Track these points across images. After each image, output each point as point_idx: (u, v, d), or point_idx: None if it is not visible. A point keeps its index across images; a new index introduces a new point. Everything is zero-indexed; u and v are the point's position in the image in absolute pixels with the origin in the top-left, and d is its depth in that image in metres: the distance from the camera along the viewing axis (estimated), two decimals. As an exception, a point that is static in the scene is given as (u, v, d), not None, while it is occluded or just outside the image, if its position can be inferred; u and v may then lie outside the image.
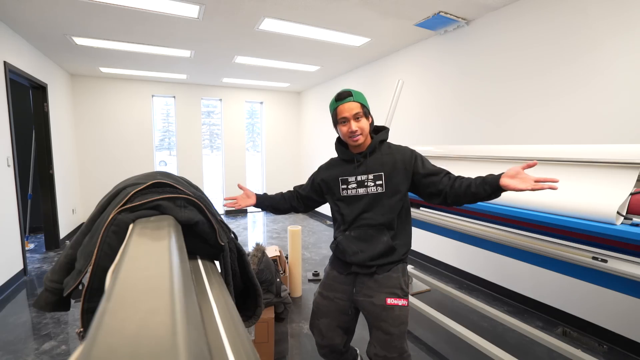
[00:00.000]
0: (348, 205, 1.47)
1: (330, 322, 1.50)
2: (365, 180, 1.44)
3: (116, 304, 0.36)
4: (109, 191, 0.85)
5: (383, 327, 1.37)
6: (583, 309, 2.36)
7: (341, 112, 1.41)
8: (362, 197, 1.44)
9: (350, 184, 1.47)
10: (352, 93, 1.42)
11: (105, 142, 5.64)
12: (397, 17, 3.04)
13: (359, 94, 1.44)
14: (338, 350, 1.55)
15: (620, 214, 1.22)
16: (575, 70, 2.31)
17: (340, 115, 1.41)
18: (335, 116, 1.45)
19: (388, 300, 1.38)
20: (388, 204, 1.41)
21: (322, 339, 1.52)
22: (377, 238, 1.41)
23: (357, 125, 1.40)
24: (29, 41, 3.67)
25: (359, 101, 1.41)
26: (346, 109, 1.40)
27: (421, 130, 3.75)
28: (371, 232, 1.42)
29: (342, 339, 1.53)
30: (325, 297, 1.52)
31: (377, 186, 1.43)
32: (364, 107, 1.42)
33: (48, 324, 2.48)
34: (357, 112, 1.40)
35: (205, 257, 0.88)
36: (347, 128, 1.41)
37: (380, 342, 1.38)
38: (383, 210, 1.41)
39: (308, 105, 6.72)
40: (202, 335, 0.35)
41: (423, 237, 3.63)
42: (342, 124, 1.43)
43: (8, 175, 3.21)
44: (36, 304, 0.80)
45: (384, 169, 1.43)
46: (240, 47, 3.92)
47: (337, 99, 1.43)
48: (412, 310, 2.63)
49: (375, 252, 1.40)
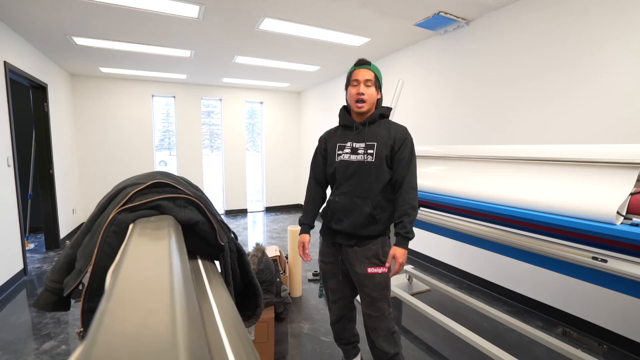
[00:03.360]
0: (340, 169, 1.58)
1: (336, 280, 1.69)
2: (359, 148, 1.54)
3: (116, 304, 0.36)
4: (109, 191, 0.85)
5: (366, 292, 1.57)
6: (583, 309, 2.36)
7: (355, 75, 1.55)
8: (352, 163, 1.55)
9: (345, 149, 1.58)
10: (370, 63, 1.56)
11: (106, 142, 5.64)
12: (397, 17, 3.04)
13: (376, 67, 1.58)
14: (350, 307, 1.75)
15: (620, 214, 1.22)
16: (576, 70, 2.31)
17: (354, 77, 1.55)
18: (349, 78, 1.58)
19: (369, 269, 1.54)
20: (375, 174, 1.51)
21: (334, 293, 1.72)
22: (361, 208, 1.52)
23: (365, 90, 1.52)
24: (29, 41, 3.67)
25: (374, 71, 1.56)
26: (360, 73, 1.54)
27: (421, 130, 3.75)
28: (355, 200, 1.54)
29: (352, 292, 1.72)
30: (326, 262, 1.71)
31: (368, 155, 1.52)
32: (377, 79, 1.55)
33: (48, 324, 2.48)
34: (368, 79, 1.53)
35: (205, 257, 0.88)
36: (356, 90, 1.53)
37: (365, 304, 1.59)
38: (369, 179, 1.52)
39: (308, 105, 6.72)
40: (202, 335, 0.35)
41: (423, 237, 3.63)
42: (353, 86, 1.55)
43: (8, 175, 3.21)
44: (36, 303, 0.79)
45: (377, 140, 1.52)
46: (240, 47, 3.92)
47: (356, 64, 1.57)
48: (412, 310, 2.63)
49: (357, 222, 1.53)
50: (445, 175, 2.08)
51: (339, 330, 1.79)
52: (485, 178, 1.79)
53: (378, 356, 1.61)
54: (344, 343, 1.82)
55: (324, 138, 1.71)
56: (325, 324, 2.48)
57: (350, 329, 1.80)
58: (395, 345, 1.59)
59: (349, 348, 1.83)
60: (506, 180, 1.68)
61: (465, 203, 1.78)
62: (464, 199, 1.81)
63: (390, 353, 1.57)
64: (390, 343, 1.57)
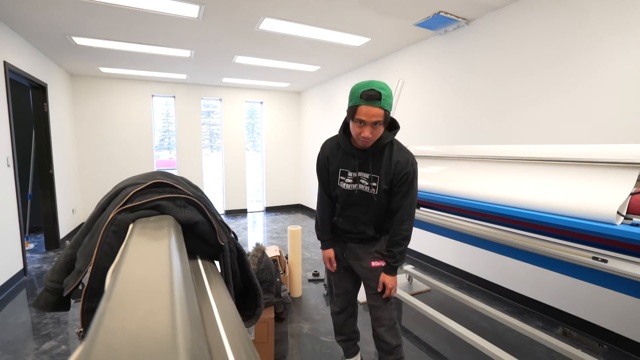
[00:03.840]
0: (342, 196, 1.57)
1: (340, 274, 1.74)
2: (361, 178, 1.50)
3: (116, 304, 0.36)
4: (109, 191, 0.85)
5: (371, 285, 1.61)
6: (583, 309, 2.36)
7: (361, 113, 1.30)
8: (354, 193, 1.53)
9: (348, 178, 1.53)
10: (382, 95, 1.27)
11: (105, 142, 5.64)
12: (397, 17, 3.04)
13: (387, 99, 1.29)
14: (352, 302, 1.79)
15: (620, 214, 1.22)
16: (575, 69, 2.31)
17: (359, 116, 1.30)
18: (353, 112, 1.32)
19: (372, 263, 1.59)
20: (378, 205, 1.51)
21: (338, 287, 1.77)
22: (364, 231, 1.58)
23: (372, 132, 1.33)
24: (29, 41, 3.67)
25: (385, 108, 1.29)
26: (369, 113, 1.29)
27: (421, 130, 3.75)
28: (358, 225, 1.58)
29: (354, 287, 1.77)
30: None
31: (372, 187, 1.48)
32: (387, 112, 1.31)
33: (48, 324, 2.48)
34: (377, 121, 1.30)
35: (205, 257, 0.88)
36: (361, 131, 1.33)
37: (370, 296, 1.64)
38: (372, 209, 1.53)
39: (308, 105, 6.71)
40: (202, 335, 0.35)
41: (423, 237, 3.63)
42: (357, 125, 1.34)
43: (8, 175, 3.21)
44: (36, 304, 0.79)
45: (380, 172, 1.46)
46: (240, 47, 3.91)
47: (363, 96, 1.28)
48: (412, 310, 2.63)
49: (362, 238, 1.61)
50: (445, 175, 2.08)
51: (340, 322, 1.81)
52: (485, 178, 1.79)
53: (381, 347, 1.65)
54: (344, 339, 1.83)
55: (327, 151, 1.60)
56: (325, 323, 2.48)
57: (350, 324, 1.82)
58: (397, 337, 1.63)
59: (349, 345, 1.84)
60: (506, 180, 1.68)
61: (465, 203, 1.78)
62: (464, 199, 1.81)
63: (392, 344, 1.61)
64: (392, 334, 1.61)
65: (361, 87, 1.30)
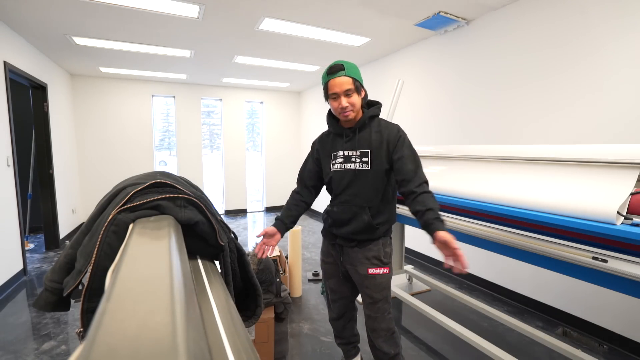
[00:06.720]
0: (336, 179, 1.53)
1: (337, 280, 1.68)
2: (352, 156, 1.48)
3: (116, 304, 0.36)
4: (109, 191, 0.85)
5: (367, 293, 1.55)
6: (583, 309, 2.36)
7: (332, 87, 1.39)
8: (347, 172, 1.49)
9: (338, 158, 1.52)
10: (344, 66, 1.37)
11: (105, 142, 5.64)
12: (397, 17, 3.04)
13: (351, 67, 1.39)
14: (350, 307, 1.74)
15: (620, 214, 1.22)
16: (575, 68, 2.31)
17: (331, 90, 1.39)
18: (326, 90, 1.42)
19: (369, 270, 1.52)
20: (372, 181, 1.46)
21: (334, 293, 1.71)
22: (359, 216, 1.49)
23: (347, 101, 1.39)
24: (29, 41, 3.67)
25: (351, 75, 1.38)
26: (337, 83, 1.38)
27: (421, 130, 3.75)
28: (354, 209, 1.50)
29: (352, 292, 1.70)
30: (327, 262, 1.70)
31: (363, 163, 1.46)
32: (356, 81, 1.39)
33: (48, 324, 2.48)
34: (348, 89, 1.37)
35: (205, 257, 0.88)
36: (338, 104, 1.40)
37: (366, 304, 1.58)
38: (366, 187, 1.47)
39: (308, 105, 6.72)
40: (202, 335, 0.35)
41: (423, 237, 3.62)
42: (333, 99, 1.41)
43: (8, 175, 3.21)
44: (36, 304, 0.79)
45: (371, 146, 1.45)
46: (240, 47, 3.91)
47: (328, 72, 1.39)
48: (412, 310, 2.63)
49: (357, 229, 1.50)
50: (445, 175, 2.08)
51: (339, 328, 1.78)
52: (485, 178, 1.79)
53: (378, 357, 1.61)
54: (344, 342, 1.81)
55: (317, 144, 1.64)
56: (325, 323, 2.48)
57: (350, 328, 1.79)
58: (396, 345, 1.59)
59: (349, 348, 1.83)
60: (506, 180, 1.68)
61: (465, 203, 1.78)
62: (464, 198, 1.81)
63: (390, 354, 1.56)
64: (390, 344, 1.57)
65: (325, 70, 1.42)
